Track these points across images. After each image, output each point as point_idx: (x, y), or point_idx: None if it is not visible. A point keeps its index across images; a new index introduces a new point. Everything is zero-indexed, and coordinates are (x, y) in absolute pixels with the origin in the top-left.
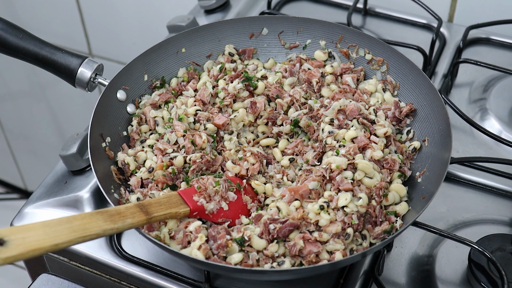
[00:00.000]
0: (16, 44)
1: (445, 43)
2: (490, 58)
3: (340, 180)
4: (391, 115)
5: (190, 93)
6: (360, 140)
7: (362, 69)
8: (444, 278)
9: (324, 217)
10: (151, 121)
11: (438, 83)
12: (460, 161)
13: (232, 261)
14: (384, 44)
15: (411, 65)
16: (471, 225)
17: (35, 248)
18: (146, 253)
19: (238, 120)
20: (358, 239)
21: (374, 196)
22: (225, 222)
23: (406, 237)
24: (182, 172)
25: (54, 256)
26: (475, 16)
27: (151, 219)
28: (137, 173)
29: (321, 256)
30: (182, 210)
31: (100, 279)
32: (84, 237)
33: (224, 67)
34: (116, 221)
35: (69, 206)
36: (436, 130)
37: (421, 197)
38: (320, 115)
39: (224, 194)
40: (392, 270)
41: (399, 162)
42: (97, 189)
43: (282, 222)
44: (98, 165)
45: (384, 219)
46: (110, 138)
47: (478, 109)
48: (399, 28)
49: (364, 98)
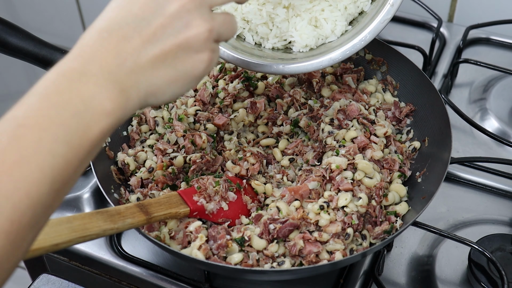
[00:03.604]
0: (16, 44)
1: (445, 43)
2: (490, 58)
3: (340, 180)
4: (391, 115)
5: (190, 93)
6: (360, 140)
7: (362, 69)
8: (444, 278)
9: (324, 217)
10: (151, 121)
11: (438, 83)
12: (460, 161)
13: (232, 261)
14: (384, 44)
15: (411, 65)
16: (471, 225)
17: (35, 248)
18: (146, 253)
19: (238, 120)
20: (358, 239)
21: (374, 196)
22: (225, 222)
23: (406, 237)
24: (182, 172)
25: (54, 256)
26: (475, 16)
27: (151, 219)
28: (137, 173)
29: (321, 256)
30: (182, 210)
31: (100, 279)
32: (84, 237)
33: (224, 67)
34: (116, 221)
35: (69, 206)
36: (436, 130)
37: (421, 197)
38: (320, 115)
39: (224, 194)
40: (392, 270)
41: (399, 162)
42: (97, 189)
43: (282, 222)
44: (98, 165)
45: (384, 219)
46: (110, 138)
47: (478, 109)
48: (399, 28)
49: (364, 98)
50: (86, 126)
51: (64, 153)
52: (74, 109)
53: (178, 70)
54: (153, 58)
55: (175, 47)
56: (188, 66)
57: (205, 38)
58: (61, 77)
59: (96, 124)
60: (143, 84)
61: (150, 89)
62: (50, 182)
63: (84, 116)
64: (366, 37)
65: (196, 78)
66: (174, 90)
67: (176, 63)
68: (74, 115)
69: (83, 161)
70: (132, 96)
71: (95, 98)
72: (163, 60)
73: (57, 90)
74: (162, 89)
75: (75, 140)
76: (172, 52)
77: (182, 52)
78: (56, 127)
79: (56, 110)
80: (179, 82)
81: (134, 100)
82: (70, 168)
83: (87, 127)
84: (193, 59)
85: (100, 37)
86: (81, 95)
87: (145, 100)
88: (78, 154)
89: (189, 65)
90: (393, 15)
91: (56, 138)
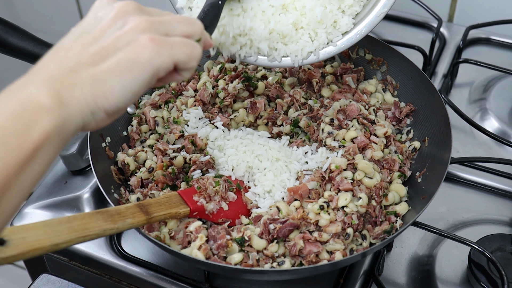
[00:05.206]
0: (16, 44)
1: (445, 43)
2: (490, 58)
3: (340, 180)
4: (391, 115)
5: (190, 93)
6: (360, 140)
7: (362, 69)
8: (444, 278)
9: (324, 217)
10: (151, 121)
11: (438, 83)
12: (460, 161)
13: (232, 261)
14: (384, 44)
15: (411, 65)
16: (471, 225)
17: (35, 248)
18: (146, 253)
19: (238, 120)
20: (358, 239)
21: (374, 196)
22: (225, 222)
23: (406, 237)
24: (182, 172)
25: (54, 256)
26: (475, 16)
27: (151, 219)
28: (137, 173)
29: (321, 256)
30: (182, 210)
31: (100, 279)
32: (84, 237)
33: (224, 67)
34: (116, 221)
35: (69, 206)
36: (436, 130)
37: (421, 197)
38: (320, 115)
39: (224, 194)
40: (392, 270)
41: (399, 162)
42: (97, 189)
43: (282, 222)
44: (98, 165)
45: (384, 219)
46: (110, 138)
47: (478, 109)
48: (399, 28)
49: (364, 98)
50: (25, 126)
51: (2, 156)
52: (10, 111)
53: (119, 60)
54: (93, 55)
55: (115, 40)
56: (130, 54)
57: (143, 27)
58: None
59: (37, 123)
60: (86, 80)
61: (96, 86)
62: None
63: (21, 115)
64: (362, 31)
65: (143, 66)
66: (123, 83)
67: (117, 54)
68: (11, 116)
69: (26, 165)
70: (75, 95)
71: (32, 96)
72: (104, 55)
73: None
74: (109, 85)
75: (13, 142)
76: (112, 46)
77: (122, 43)
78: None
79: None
80: (123, 72)
81: (79, 100)
82: (9, 171)
83: (27, 127)
84: (133, 46)
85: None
86: (19, 98)
87: (94, 101)
88: (18, 156)
89: (130, 52)
90: (390, 8)
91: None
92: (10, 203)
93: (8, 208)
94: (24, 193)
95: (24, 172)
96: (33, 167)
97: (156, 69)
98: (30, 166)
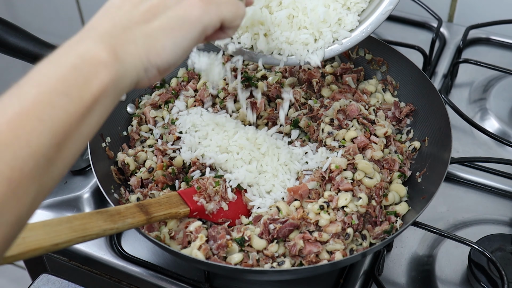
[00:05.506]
0: (16, 44)
1: (445, 43)
2: (490, 58)
3: (340, 180)
4: (391, 115)
5: (190, 93)
6: (360, 140)
7: (362, 69)
8: (444, 278)
9: (324, 217)
10: (151, 121)
11: (438, 83)
12: (460, 161)
13: (232, 261)
14: (384, 44)
15: (411, 65)
16: (471, 225)
17: (35, 248)
18: (146, 253)
19: (238, 120)
20: (358, 239)
21: (374, 196)
22: (225, 222)
23: (406, 237)
24: (182, 172)
25: (54, 256)
26: (475, 16)
27: (151, 219)
28: (137, 173)
29: (321, 256)
30: (182, 210)
31: (100, 279)
32: (84, 237)
33: None
34: (116, 221)
35: (69, 206)
36: (436, 130)
37: (421, 197)
38: (320, 115)
39: (224, 194)
40: (392, 270)
41: (399, 162)
42: (97, 189)
43: (282, 222)
44: (98, 165)
45: (384, 219)
46: (110, 138)
47: (478, 109)
48: (399, 28)
49: (364, 98)
50: (85, 78)
51: (64, 105)
52: (71, 63)
53: (170, 18)
54: (144, 13)
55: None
56: (180, 12)
57: None
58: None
59: (95, 76)
60: (139, 37)
61: (149, 43)
62: (50, 133)
63: (81, 68)
64: (368, 29)
65: (192, 24)
66: (174, 40)
67: (167, 12)
68: (71, 68)
69: (86, 115)
70: (130, 50)
71: (90, 51)
72: (155, 12)
73: (56, 54)
74: (161, 42)
75: (74, 92)
76: (161, 4)
77: (171, 2)
78: (55, 81)
79: (53, 67)
80: (175, 29)
81: (134, 56)
82: (71, 120)
83: (86, 79)
84: (183, 4)
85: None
86: (77, 52)
87: (147, 58)
88: (78, 106)
89: (180, 10)
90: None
91: (55, 90)
92: (71, 152)
93: (69, 157)
94: (82, 144)
95: (83, 123)
96: (91, 118)
97: (204, 27)
98: (89, 117)
